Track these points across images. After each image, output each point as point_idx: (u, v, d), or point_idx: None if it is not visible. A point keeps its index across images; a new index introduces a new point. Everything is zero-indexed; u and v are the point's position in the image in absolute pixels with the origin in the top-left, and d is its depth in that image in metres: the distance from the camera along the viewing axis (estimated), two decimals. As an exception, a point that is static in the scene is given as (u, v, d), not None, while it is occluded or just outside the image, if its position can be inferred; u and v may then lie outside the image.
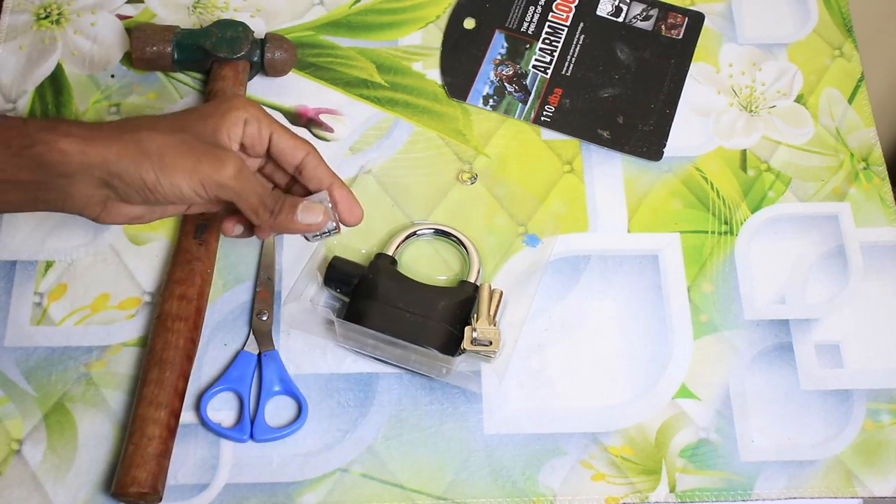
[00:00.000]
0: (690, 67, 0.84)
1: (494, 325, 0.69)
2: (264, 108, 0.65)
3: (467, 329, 0.69)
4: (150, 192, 0.60)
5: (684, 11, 0.86)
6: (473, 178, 0.77)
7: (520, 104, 0.82)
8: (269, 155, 0.65)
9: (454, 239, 0.75)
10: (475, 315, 0.70)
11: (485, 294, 0.70)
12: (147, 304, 0.73)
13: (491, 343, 0.68)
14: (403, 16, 0.86)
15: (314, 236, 0.66)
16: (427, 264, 0.75)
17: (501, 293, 0.71)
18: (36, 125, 0.60)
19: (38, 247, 0.75)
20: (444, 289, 0.72)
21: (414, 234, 0.75)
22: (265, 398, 0.70)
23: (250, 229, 0.66)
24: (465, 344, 0.69)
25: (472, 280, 0.73)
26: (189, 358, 0.70)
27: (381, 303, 0.69)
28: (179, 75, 0.82)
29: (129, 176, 0.59)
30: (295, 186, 0.67)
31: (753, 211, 0.78)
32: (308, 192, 0.66)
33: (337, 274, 0.72)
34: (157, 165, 0.59)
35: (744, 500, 0.69)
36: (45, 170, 0.59)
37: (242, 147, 0.64)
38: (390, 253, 0.73)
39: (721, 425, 0.71)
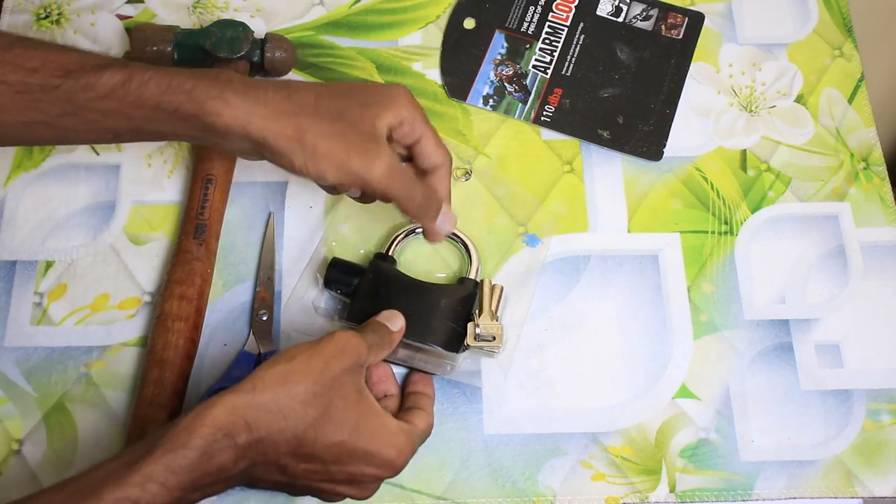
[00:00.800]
0: (690, 67, 0.84)
1: (497, 321, 0.69)
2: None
3: (470, 325, 0.69)
4: (296, 173, 0.62)
5: (684, 11, 0.86)
6: (468, 175, 0.77)
7: (520, 104, 0.82)
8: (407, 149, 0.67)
9: (453, 237, 0.75)
10: (477, 311, 0.70)
11: (486, 290, 0.70)
12: (147, 304, 0.73)
13: (494, 338, 0.69)
14: (403, 16, 0.86)
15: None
16: (426, 263, 0.75)
17: (502, 288, 0.71)
18: (203, 93, 0.60)
19: (38, 247, 0.75)
20: (444, 286, 0.72)
21: (412, 232, 0.75)
22: (265, 398, 0.70)
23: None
24: (469, 340, 0.69)
25: (471, 277, 0.73)
26: (189, 358, 0.70)
27: (383, 302, 0.69)
28: (179, 75, 0.82)
29: (280, 156, 0.61)
30: None
31: (753, 211, 0.78)
32: None
33: (337, 275, 0.72)
34: (309, 153, 0.60)
35: (744, 500, 0.69)
36: (207, 133, 0.61)
37: (389, 137, 0.65)
38: (389, 253, 0.73)
39: (721, 425, 0.71)
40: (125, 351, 0.72)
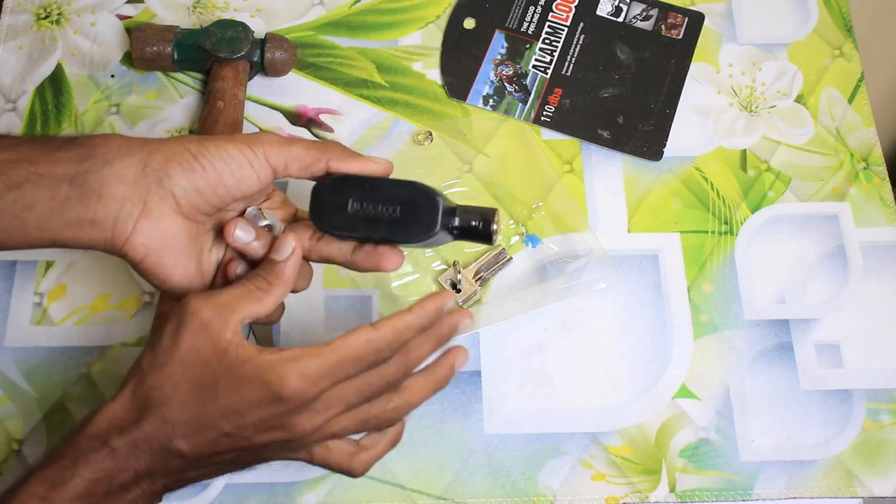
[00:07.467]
0: (690, 67, 0.84)
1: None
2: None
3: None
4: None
5: (684, 11, 0.86)
6: (429, 137, 0.77)
7: (520, 104, 0.82)
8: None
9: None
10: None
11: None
12: (147, 304, 0.73)
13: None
14: (403, 16, 0.86)
15: None
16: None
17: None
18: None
19: (38, 247, 0.75)
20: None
21: None
22: (265, 398, 0.70)
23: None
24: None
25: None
26: (189, 358, 0.70)
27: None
28: (179, 75, 0.82)
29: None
30: None
31: (753, 211, 0.78)
32: None
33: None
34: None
35: (744, 500, 0.69)
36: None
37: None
38: None
39: (721, 425, 0.71)
40: (125, 351, 0.72)
